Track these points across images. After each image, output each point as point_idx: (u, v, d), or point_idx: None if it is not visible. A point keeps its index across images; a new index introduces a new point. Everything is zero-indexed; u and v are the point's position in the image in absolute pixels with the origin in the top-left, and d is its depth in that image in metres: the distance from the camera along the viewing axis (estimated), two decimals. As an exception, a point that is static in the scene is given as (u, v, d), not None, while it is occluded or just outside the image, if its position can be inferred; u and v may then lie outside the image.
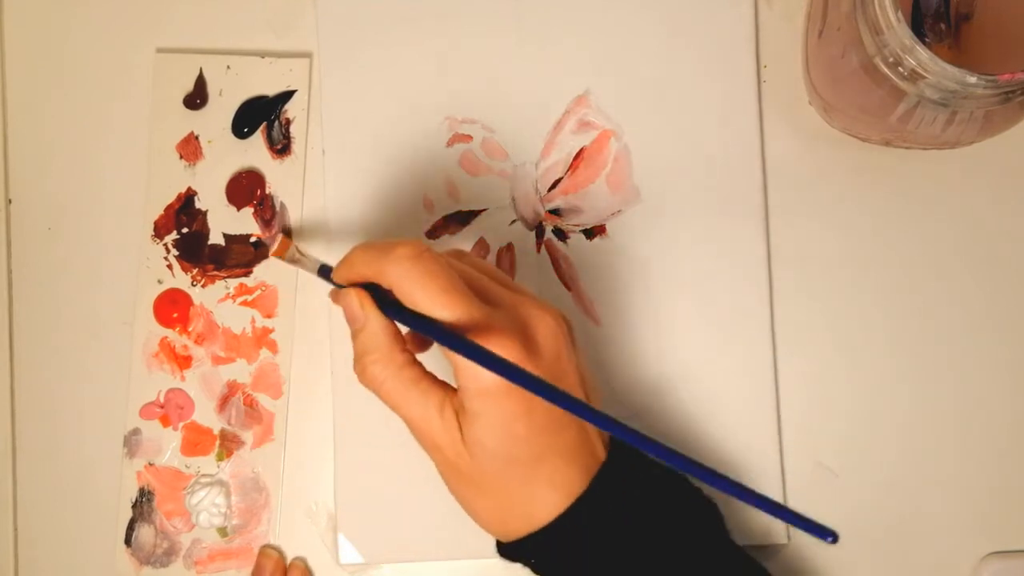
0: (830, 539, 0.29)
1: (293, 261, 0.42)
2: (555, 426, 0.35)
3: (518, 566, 0.49)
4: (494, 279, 0.38)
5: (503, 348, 0.34)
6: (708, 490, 0.38)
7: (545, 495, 0.35)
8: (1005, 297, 0.49)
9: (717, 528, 0.39)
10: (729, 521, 0.39)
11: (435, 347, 0.40)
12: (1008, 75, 0.37)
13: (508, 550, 0.38)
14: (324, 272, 0.41)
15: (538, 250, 0.49)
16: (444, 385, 0.37)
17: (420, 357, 0.38)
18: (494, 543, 0.38)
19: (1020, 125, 0.42)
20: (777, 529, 0.47)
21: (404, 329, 0.38)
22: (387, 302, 0.36)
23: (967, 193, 0.49)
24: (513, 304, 0.36)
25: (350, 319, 0.37)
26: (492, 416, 0.34)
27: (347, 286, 0.38)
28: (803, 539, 0.48)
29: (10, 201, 0.50)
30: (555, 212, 0.49)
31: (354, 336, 0.37)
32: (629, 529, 0.36)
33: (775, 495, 0.47)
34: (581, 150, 0.49)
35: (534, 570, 0.38)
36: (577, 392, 0.37)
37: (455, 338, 0.34)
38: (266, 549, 0.48)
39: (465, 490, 0.37)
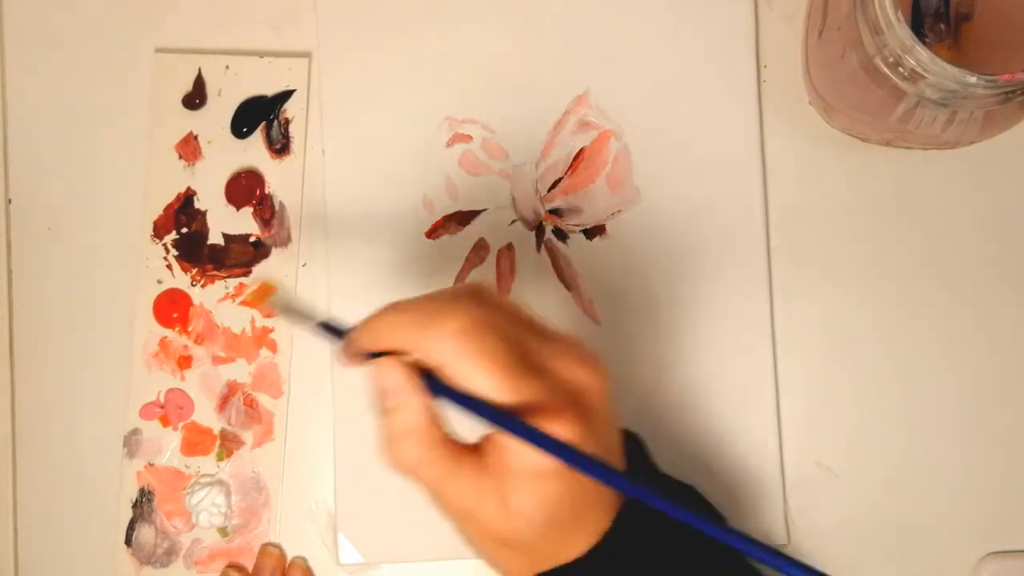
0: None
1: (280, 312, 0.36)
2: (596, 489, 0.34)
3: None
4: (529, 330, 0.34)
5: (563, 429, 0.31)
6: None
7: (581, 540, 0.34)
8: (1005, 297, 0.49)
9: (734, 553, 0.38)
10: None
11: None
12: (1008, 75, 0.37)
13: None
14: (329, 330, 0.35)
15: (538, 250, 0.49)
16: (474, 449, 0.34)
17: None
18: None
19: (1020, 125, 0.42)
20: (777, 529, 0.47)
21: None
22: (433, 380, 0.32)
23: (967, 193, 0.49)
24: (556, 367, 0.33)
25: (385, 395, 0.33)
26: (542, 494, 0.32)
27: (370, 355, 0.34)
28: (803, 539, 0.48)
29: (10, 201, 0.50)
30: (555, 212, 0.49)
31: (385, 413, 0.33)
32: (651, 561, 0.35)
33: (775, 495, 0.47)
34: (581, 150, 0.49)
35: None
36: (615, 440, 0.35)
37: (512, 421, 0.31)
38: (267, 547, 0.48)
39: (496, 550, 0.35)
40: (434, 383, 0.32)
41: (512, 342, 0.33)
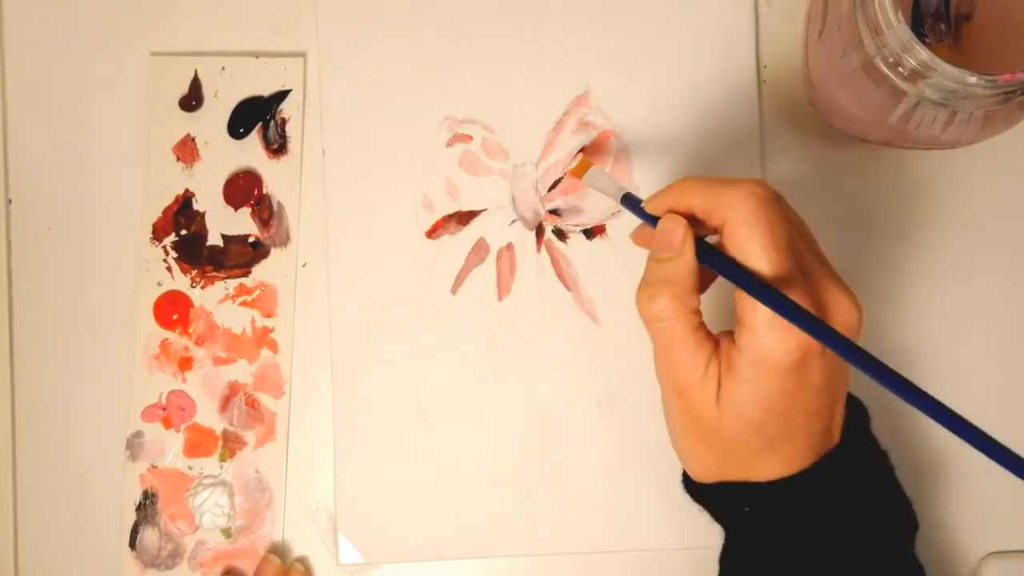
0: None
1: (592, 182, 0.41)
2: (814, 412, 0.35)
3: (519, 567, 0.49)
4: (811, 248, 0.36)
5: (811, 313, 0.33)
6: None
7: (775, 467, 0.35)
8: (1006, 296, 0.49)
9: (906, 536, 0.38)
10: None
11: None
12: (1008, 75, 0.37)
13: (701, 490, 0.37)
14: (629, 201, 0.39)
15: (538, 250, 0.49)
16: (713, 337, 0.36)
17: None
18: (681, 476, 0.38)
19: (1020, 125, 0.42)
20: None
21: None
22: (706, 249, 0.35)
23: (967, 193, 0.49)
24: (821, 279, 0.35)
25: (662, 246, 0.35)
26: (763, 388, 0.33)
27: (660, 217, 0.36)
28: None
29: (10, 201, 0.50)
30: (555, 212, 0.49)
31: (656, 261, 0.36)
32: (829, 517, 0.35)
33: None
34: (581, 150, 0.49)
35: (718, 518, 0.38)
36: (844, 388, 0.36)
37: (768, 290, 0.32)
38: (268, 556, 0.48)
39: (693, 436, 0.36)
40: (705, 249, 0.35)
41: (793, 237, 0.34)
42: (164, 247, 0.49)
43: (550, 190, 0.49)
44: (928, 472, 0.48)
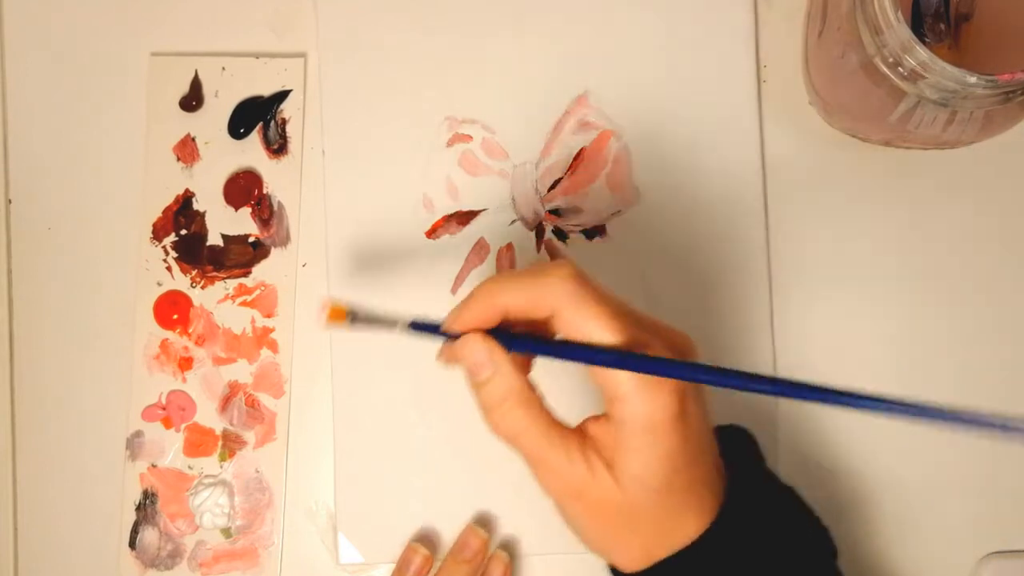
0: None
1: (357, 325, 0.35)
2: (702, 453, 0.34)
3: (519, 566, 0.49)
4: (624, 302, 0.35)
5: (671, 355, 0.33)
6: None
7: (692, 521, 0.34)
8: (1006, 297, 0.49)
9: (828, 554, 0.38)
10: None
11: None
12: (1008, 75, 0.37)
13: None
14: (421, 328, 0.35)
15: (538, 250, 0.49)
16: (573, 430, 0.35)
17: None
18: (609, 571, 0.37)
19: (1020, 125, 0.42)
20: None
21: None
22: (519, 340, 0.34)
23: (967, 193, 0.49)
24: (650, 327, 0.35)
25: (475, 370, 0.34)
26: (659, 449, 0.33)
27: (461, 334, 0.34)
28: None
29: (10, 201, 0.50)
30: (555, 212, 0.49)
31: (479, 387, 0.34)
32: (755, 552, 0.35)
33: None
34: (581, 150, 0.49)
35: None
36: (711, 411, 0.36)
37: (628, 358, 0.32)
38: (413, 544, 0.47)
39: (610, 529, 0.35)
40: (518, 342, 0.34)
41: (616, 299, 0.34)
42: (164, 247, 0.49)
43: (550, 190, 0.49)
44: (928, 472, 0.48)
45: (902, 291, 0.49)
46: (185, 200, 0.49)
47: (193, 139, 0.49)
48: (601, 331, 0.32)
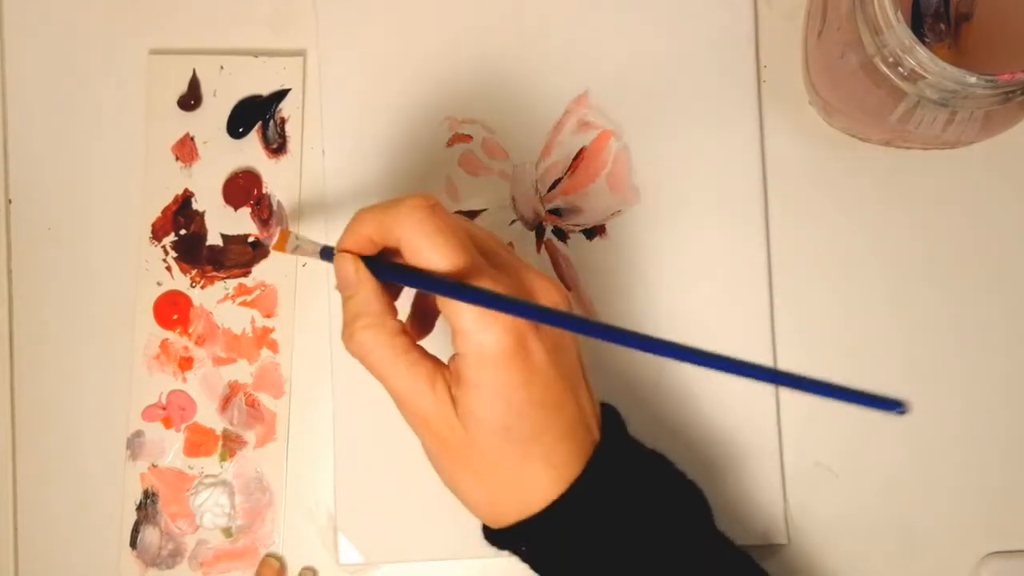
0: (899, 410, 0.29)
1: (296, 251, 0.40)
2: (554, 402, 0.34)
3: (519, 567, 0.49)
4: (500, 248, 0.37)
5: (505, 288, 0.33)
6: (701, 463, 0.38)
7: (540, 476, 0.34)
8: (1006, 297, 0.49)
9: (704, 516, 0.38)
10: (729, 522, 0.39)
11: (435, 334, 0.40)
12: (1008, 75, 0.37)
13: (497, 536, 0.36)
14: (327, 254, 0.39)
15: (538, 250, 0.49)
16: (435, 359, 0.35)
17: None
18: (481, 528, 0.37)
19: (1020, 125, 0.42)
20: (777, 529, 0.47)
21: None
22: (384, 267, 0.35)
23: (967, 193, 0.49)
24: (518, 270, 0.35)
25: (343, 285, 0.36)
26: (492, 385, 0.33)
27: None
28: (803, 539, 0.48)
29: (10, 201, 0.50)
30: (555, 212, 0.49)
31: (345, 302, 0.36)
32: (623, 516, 0.35)
33: (775, 494, 0.47)
34: (581, 150, 0.49)
35: (523, 558, 0.37)
36: (577, 372, 0.36)
37: (461, 288, 0.33)
38: (268, 559, 0.48)
39: (455, 469, 0.36)
40: (384, 268, 0.35)
41: (473, 235, 0.35)
42: (164, 247, 0.49)
43: (550, 190, 0.49)
44: (928, 472, 0.48)
45: (902, 291, 0.49)
46: (184, 200, 0.49)
47: (192, 138, 0.49)
48: (438, 258, 0.33)
